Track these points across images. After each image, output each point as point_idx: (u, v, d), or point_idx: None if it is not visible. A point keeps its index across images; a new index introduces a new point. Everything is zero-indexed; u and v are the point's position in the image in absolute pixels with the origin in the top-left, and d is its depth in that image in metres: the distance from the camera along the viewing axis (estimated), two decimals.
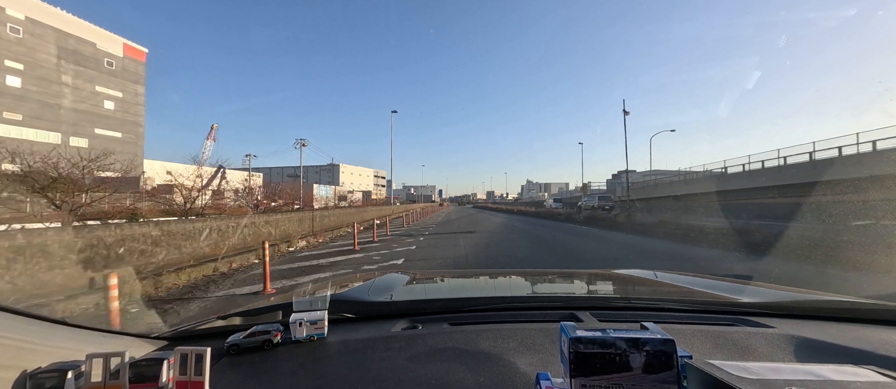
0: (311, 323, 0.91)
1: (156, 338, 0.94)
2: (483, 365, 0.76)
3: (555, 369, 0.70)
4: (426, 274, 1.88)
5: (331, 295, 1.02)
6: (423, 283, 1.64)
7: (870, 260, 6.13)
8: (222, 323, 1.06)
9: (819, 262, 6.57)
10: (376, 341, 0.90)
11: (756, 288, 1.41)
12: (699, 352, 0.82)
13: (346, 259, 8.20)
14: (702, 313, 1.11)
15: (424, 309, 1.15)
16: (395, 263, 7.55)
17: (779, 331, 0.93)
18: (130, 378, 0.60)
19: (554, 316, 1.05)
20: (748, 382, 0.46)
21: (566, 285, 1.75)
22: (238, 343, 0.87)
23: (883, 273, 5.62)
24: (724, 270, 6.33)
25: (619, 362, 0.48)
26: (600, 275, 1.91)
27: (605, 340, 0.49)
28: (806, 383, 0.47)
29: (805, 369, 0.54)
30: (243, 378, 0.76)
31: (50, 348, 0.66)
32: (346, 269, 7.03)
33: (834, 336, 0.90)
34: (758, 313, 1.08)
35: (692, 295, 1.33)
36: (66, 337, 0.73)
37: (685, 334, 0.92)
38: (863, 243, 7.21)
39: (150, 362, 0.62)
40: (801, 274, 5.89)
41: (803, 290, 1.42)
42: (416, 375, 0.72)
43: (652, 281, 1.65)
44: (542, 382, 0.54)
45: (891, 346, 0.83)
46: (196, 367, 0.62)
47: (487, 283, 1.75)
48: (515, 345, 0.85)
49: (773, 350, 0.84)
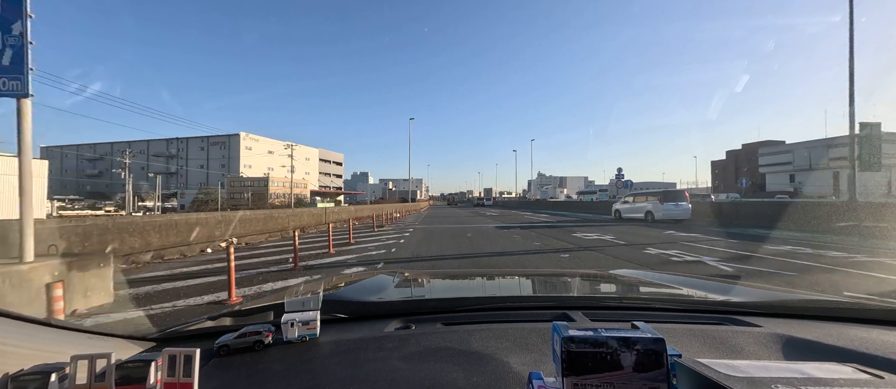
0: (303, 323, 0.90)
1: (143, 340, 0.92)
2: (476, 365, 0.76)
3: (547, 368, 0.71)
4: (419, 274, 1.88)
5: (323, 295, 1.02)
6: (416, 283, 1.64)
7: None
8: (212, 324, 1.04)
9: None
10: (369, 341, 0.90)
11: (744, 289, 1.44)
12: (688, 351, 0.83)
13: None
14: (691, 312, 1.12)
15: (417, 309, 1.15)
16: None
17: (766, 330, 0.95)
18: (117, 381, 0.58)
19: (546, 316, 1.06)
20: (736, 380, 0.47)
21: (559, 285, 1.76)
22: (228, 344, 0.85)
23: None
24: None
25: (611, 361, 0.49)
26: (592, 276, 1.93)
27: (596, 339, 0.49)
28: (791, 380, 0.48)
29: (791, 367, 0.55)
30: (234, 379, 0.75)
31: (32, 350, 0.64)
32: None
33: (818, 334, 0.92)
34: (746, 312, 1.10)
35: (682, 296, 1.35)
36: (50, 339, 0.72)
37: (675, 333, 0.93)
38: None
39: (137, 363, 0.61)
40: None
41: (789, 290, 1.46)
42: (410, 375, 0.72)
43: (643, 282, 1.67)
44: (535, 381, 0.55)
45: (871, 344, 0.86)
46: (185, 368, 0.61)
47: (481, 283, 1.75)
48: (508, 345, 0.85)
49: (760, 349, 0.85)
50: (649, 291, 1.52)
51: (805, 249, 8.26)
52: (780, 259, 7.09)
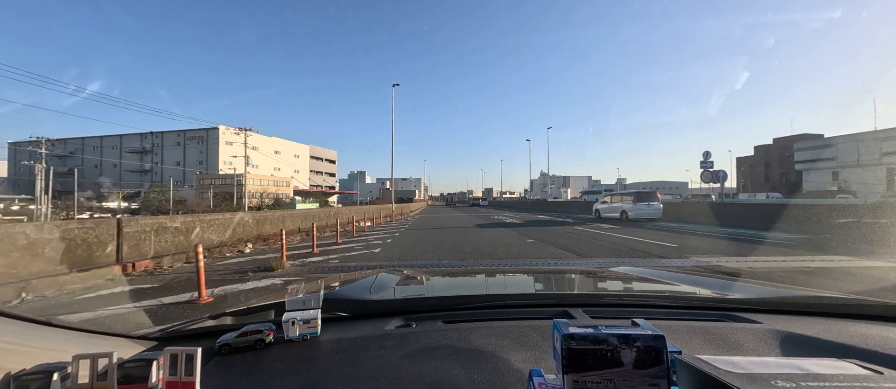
0: (304, 321, 0.91)
1: (144, 339, 0.93)
2: (477, 363, 0.76)
3: (548, 365, 0.71)
4: (419, 272, 1.88)
5: (324, 293, 1.02)
6: (416, 281, 1.64)
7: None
8: (213, 323, 1.05)
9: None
10: (370, 339, 0.90)
11: (744, 285, 1.45)
12: (688, 348, 0.84)
13: None
14: (691, 309, 1.13)
15: (418, 307, 1.15)
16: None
17: (765, 327, 0.95)
18: (119, 380, 0.59)
19: (547, 314, 1.06)
20: (736, 376, 0.47)
21: (559, 283, 1.76)
22: (230, 343, 0.86)
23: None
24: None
25: (611, 358, 0.49)
26: (592, 273, 1.93)
27: (597, 336, 0.50)
28: (791, 376, 0.48)
29: (790, 363, 0.55)
30: (235, 377, 0.75)
31: (34, 349, 0.64)
32: None
33: (818, 330, 0.92)
34: (745, 309, 1.10)
35: (682, 292, 1.35)
36: (52, 338, 0.72)
37: (675, 330, 0.93)
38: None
39: (139, 362, 0.61)
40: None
41: (789, 287, 1.46)
42: (411, 373, 0.72)
43: (643, 279, 1.68)
44: (536, 378, 0.55)
45: (871, 340, 0.86)
46: (187, 367, 0.61)
47: (481, 281, 1.75)
48: (509, 342, 0.86)
49: (760, 345, 0.86)
50: (649, 288, 1.53)
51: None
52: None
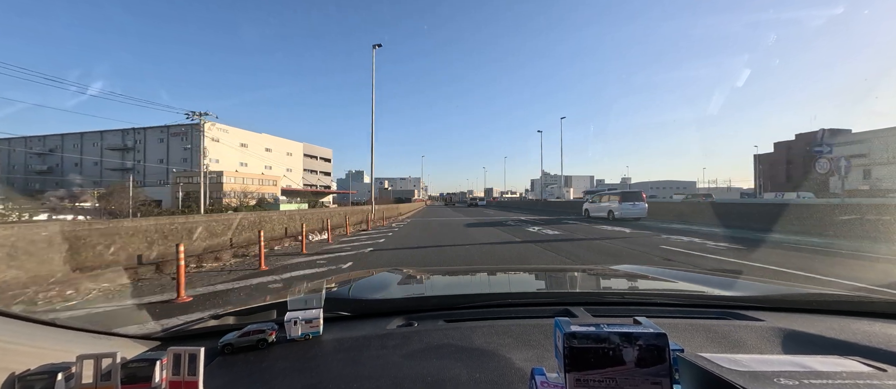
0: (307, 321, 0.91)
1: (147, 339, 0.93)
2: (479, 361, 0.76)
3: (550, 364, 0.71)
4: (421, 272, 1.88)
5: (326, 293, 1.02)
6: (418, 280, 1.64)
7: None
8: (215, 323, 1.05)
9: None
10: (372, 339, 0.90)
11: (746, 283, 1.44)
12: (691, 346, 0.83)
13: None
14: (693, 307, 1.13)
15: (420, 306, 1.15)
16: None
17: (768, 324, 0.95)
18: (122, 380, 0.59)
19: (548, 312, 1.06)
20: (738, 374, 0.47)
21: (560, 281, 1.76)
22: (232, 343, 0.86)
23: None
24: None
25: (613, 356, 0.49)
26: (594, 271, 1.93)
27: (598, 335, 0.49)
28: (794, 374, 0.48)
29: (793, 360, 0.55)
30: (238, 377, 0.75)
31: (38, 349, 0.65)
32: None
33: (820, 328, 0.92)
34: (747, 307, 1.10)
35: (684, 290, 1.35)
36: (55, 339, 0.72)
37: (677, 328, 0.93)
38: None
39: (143, 362, 0.62)
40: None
41: (791, 284, 1.45)
42: (413, 372, 0.72)
43: (645, 277, 1.67)
44: (538, 377, 0.55)
45: (873, 337, 0.86)
46: (190, 367, 0.61)
47: (482, 280, 1.75)
48: (511, 341, 0.86)
49: (762, 343, 0.85)
50: (651, 286, 1.52)
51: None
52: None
